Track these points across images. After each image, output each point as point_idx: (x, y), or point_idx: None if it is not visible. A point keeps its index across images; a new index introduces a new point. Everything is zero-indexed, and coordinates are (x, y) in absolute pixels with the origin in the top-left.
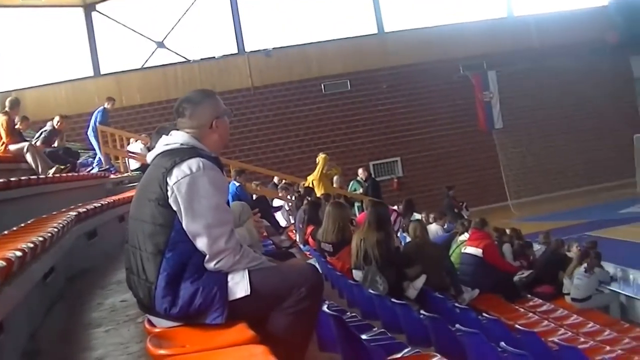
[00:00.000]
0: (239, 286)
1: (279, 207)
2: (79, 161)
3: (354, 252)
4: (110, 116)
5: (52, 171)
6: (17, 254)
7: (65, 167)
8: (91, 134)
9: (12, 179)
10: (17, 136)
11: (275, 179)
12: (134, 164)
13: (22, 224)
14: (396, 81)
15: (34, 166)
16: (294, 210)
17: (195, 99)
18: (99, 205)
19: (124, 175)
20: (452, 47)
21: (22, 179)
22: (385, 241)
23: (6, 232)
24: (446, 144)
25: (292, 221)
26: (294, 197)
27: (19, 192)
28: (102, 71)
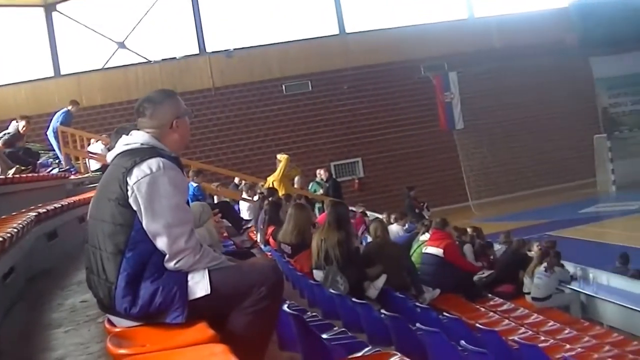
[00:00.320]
0: (199, 285)
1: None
2: (39, 162)
3: (314, 252)
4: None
5: (12, 172)
6: None
7: (26, 168)
8: (51, 134)
9: None
10: None
11: (236, 180)
12: (94, 165)
13: None
14: (357, 82)
15: None
16: (256, 210)
17: (156, 99)
18: (59, 205)
19: (84, 175)
20: (414, 48)
21: None
22: (345, 241)
23: None
24: (407, 144)
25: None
26: (256, 198)
27: None
28: (63, 71)
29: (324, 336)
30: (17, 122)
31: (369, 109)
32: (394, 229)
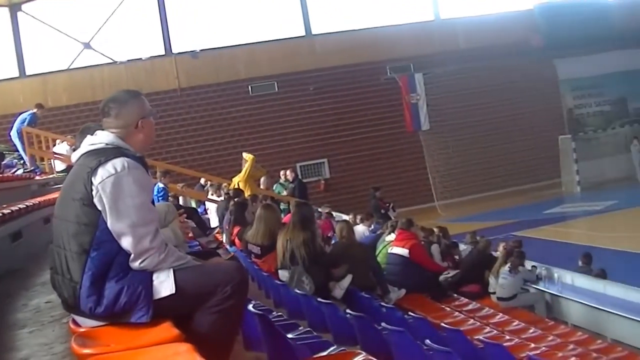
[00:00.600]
0: (164, 285)
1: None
2: (4, 162)
3: (279, 253)
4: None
5: None
6: None
7: None
8: (15, 135)
9: None
10: None
11: (202, 181)
12: (59, 165)
13: None
14: (324, 83)
15: None
16: (222, 211)
17: (121, 99)
18: (24, 206)
19: (49, 176)
20: (380, 50)
21: None
22: (311, 241)
23: None
24: (373, 145)
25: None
26: (222, 198)
27: None
28: (28, 72)
29: (289, 336)
30: None
31: (335, 110)
32: (360, 230)
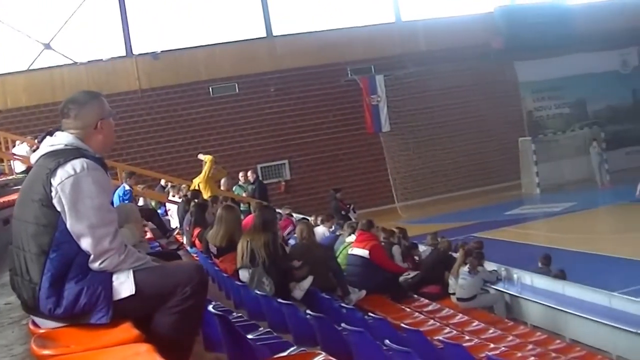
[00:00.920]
0: (124, 286)
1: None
2: None
3: (239, 253)
4: None
5: None
6: None
7: None
8: None
9: None
10: None
11: (162, 182)
12: (19, 167)
13: None
14: (285, 85)
15: None
16: (182, 212)
17: (80, 100)
18: None
19: (9, 177)
20: (341, 51)
21: None
22: (272, 242)
23: None
24: (334, 147)
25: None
26: (181, 199)
27: None
28: None
29: (250, 336)
30: None
31: (295, 111)
32: (320, 231)
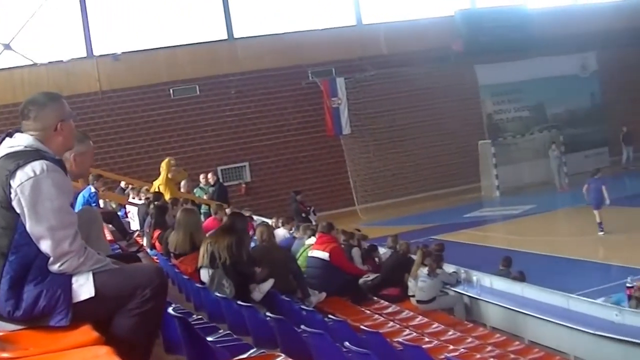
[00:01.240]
0: (83, 288)
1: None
2: None
3: (201, 254)
4: None
5: None
6: None
7: None
8: None
9: None
10: None
11: (122, 184)
12: None
13: None
14: (245, 87)
15: None
16: (142, 214)
17: (40, 102)
18: None
19: None
20: (301, 54)
21: None
22: (236, 245)
23: None
24: (294, 149)
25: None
26: (142, 201)
27: None
28: None
29: (209, 339)
30: None
31: (256, 113)
32: (280, 233)
